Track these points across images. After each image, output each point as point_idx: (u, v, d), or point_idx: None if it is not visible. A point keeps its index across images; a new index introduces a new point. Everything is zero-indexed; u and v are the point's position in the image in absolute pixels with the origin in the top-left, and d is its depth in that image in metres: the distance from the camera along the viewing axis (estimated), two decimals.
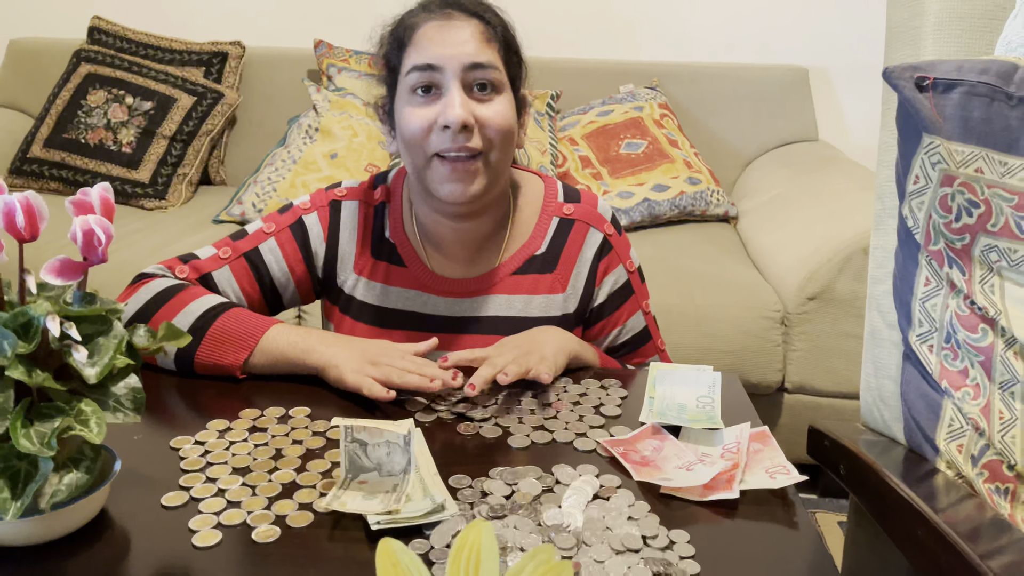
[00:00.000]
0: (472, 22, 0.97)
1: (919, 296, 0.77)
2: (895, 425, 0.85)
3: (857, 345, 1.72)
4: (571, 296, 1.10)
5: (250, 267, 1.06)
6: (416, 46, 0.97)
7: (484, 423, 0.89)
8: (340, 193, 1.10)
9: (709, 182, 2.25)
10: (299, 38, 2.59)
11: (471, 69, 0.95)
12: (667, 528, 0.71)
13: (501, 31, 0.99)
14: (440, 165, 0.97)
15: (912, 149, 0.75)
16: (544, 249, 1.09)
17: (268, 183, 2.20)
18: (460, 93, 0.94)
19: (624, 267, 1.12)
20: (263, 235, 1.08)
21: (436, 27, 0.96)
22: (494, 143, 0.97)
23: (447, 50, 0.95)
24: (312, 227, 1.08)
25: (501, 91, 0.98)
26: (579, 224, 1.10)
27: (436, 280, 1.08)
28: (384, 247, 1.09)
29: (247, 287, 1.06)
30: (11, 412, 0.57)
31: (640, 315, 1.14)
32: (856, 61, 2.57)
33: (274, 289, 1.08)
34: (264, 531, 0.69)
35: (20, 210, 0.61)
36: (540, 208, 1.10)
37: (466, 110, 0.94)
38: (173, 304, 0.96)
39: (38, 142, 2.38)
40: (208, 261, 1.05)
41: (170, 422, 0.87)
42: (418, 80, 0.96)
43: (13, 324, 0.60)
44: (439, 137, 0.95)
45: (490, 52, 0.97)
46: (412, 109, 0.97)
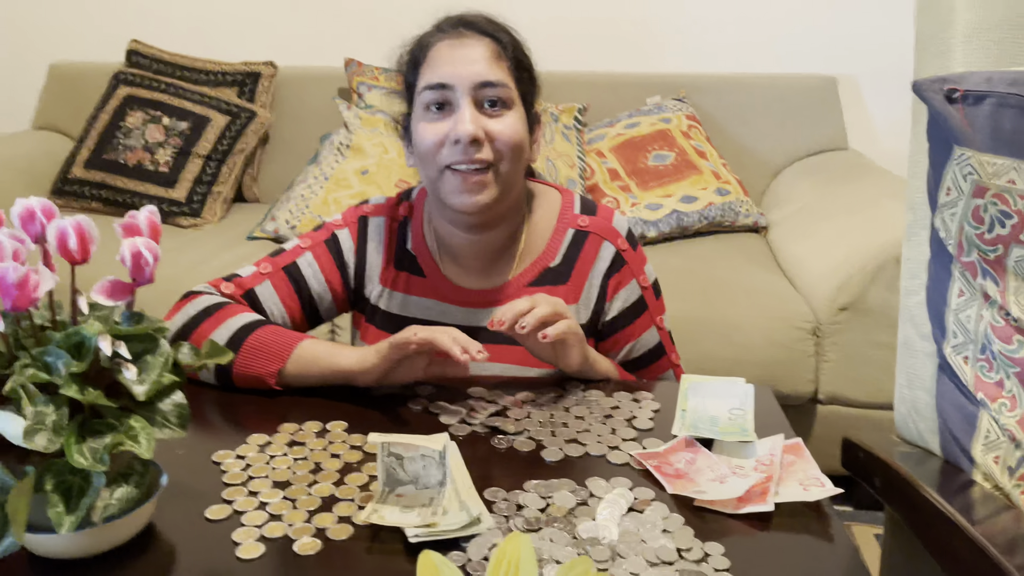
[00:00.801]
0: (483, 41, 1.01)
1: (953, 307, 0.77)
2: (930, 437, 0.84)
3: (890, 355, 1.69)
4: (583, 308, 1.11)
5: (289, 280, 1.11)
6: (430, 65, 1.02)
7: (517, 436, 0.90)
8: (368, 209, 1.16)
9: (738, 192, 2.25)
10: (330, 57, 2.63)
11: (481, 87, 0.99)
12: (701, 541, 0.72)
13: (512, 49, 1.03)
14: (452, 177, 1.00)
15: (943, 161, 0.75)
16: (558, 261, 1.11)
17: (301, 200, 2.24)
18: (471, 109, 0.99)
19: (637, 282, 1.12)
20: (300, 250, 1.13)
21: (448, 46, 1.01)
22: (504, 155, 1.01)
23: (458, 69, 0.99)
24: (344, 241, 1.14)
25: (511, 107, 1.02)
26: (593, 237, 1.11)
27: (453, 290, 1.11)
28: (405, 258, 1.13)
29: (287, 300, 1.10)
30: (65, 429, 0.59)
31: (654, 330, 1.14)
32: (886, 68, 2.55)
33: (312, 301, 1.12)
34: (306, 544, 0.71)
35: (72, 234, 0.64)
36: (556, 220, 1.12)
37: (476, 125, 0.98)
38: (214, 320, 1.01)
39: (79, 163, 2.45)
40: (250, 278, 1.10)
41: (211, 437, 0.90)
42: (431, 98, 1.00)
43: (67, 344, 0.63)
44: (451, 150, 0.99)
45: (500, 70, 1.01)
46: (426, 124, 1.01)
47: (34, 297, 0.62)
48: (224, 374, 0.99)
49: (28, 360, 0.62)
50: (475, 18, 1.04)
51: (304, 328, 1.13)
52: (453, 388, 1.01)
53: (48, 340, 0.64)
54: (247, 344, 0.98)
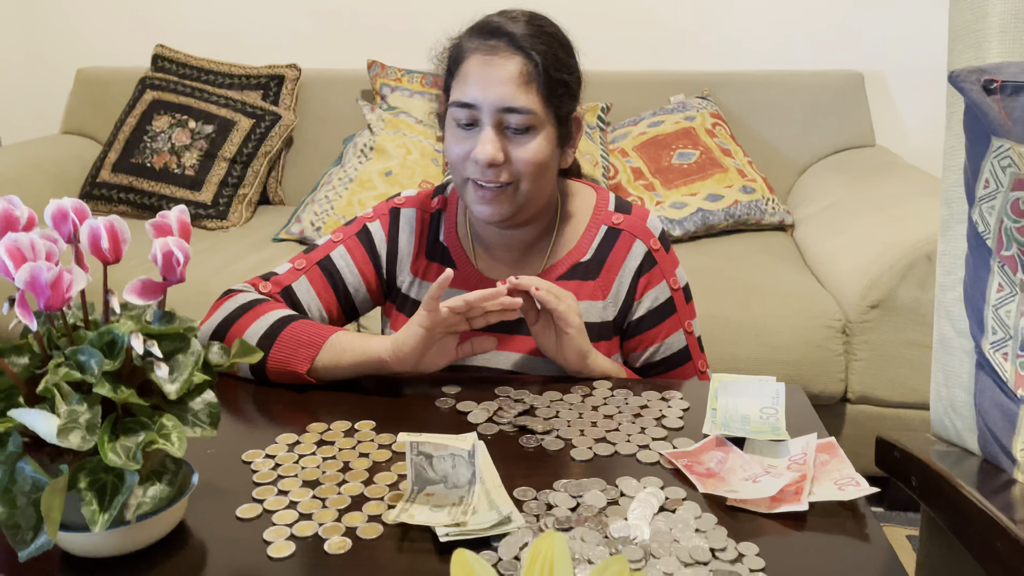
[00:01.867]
0: (514, 60, 0.99)
1: (992, 303, 0.75)
2: (968, 435, 0.83)
3: (922, 354, 1.69)
4: (611, 304, 1.11)
5: (324, 275, 1.13)
6: (460, 79, 1.02)
7: (546, 436, 0.89)
8: (399, 201, 1.18)
9: (763, 190, 2.23)
10: (353, 59, 2.64)
11: (505, 112, 0.99)
12: (735, 541, 0.71)
13: (544, 68, 1.00)
14: (473, 189, 1.04)
15: (981, 153, 0.74)
16: (589, 256, 1.12)
17: (325, 201, 2.25)
18: (492, 132, 1.00)
19: (668, 284, 1.12)
20: (332, 244, 1.15)
21: (480, 63, 1.00)
22: (523, 176, 1.02)
23: (485, 91, 0.99)
24: (376, 233, 1.16)
25: (537, 131, 1.02)
26: (625, 235, 1.12)
27: (483, 281, 1.12)
28: (437, 249, 1.16)
29: (324, 294, 1.12)
30: (99, 427, 0.60)
31: (681, 334, 1.13)
32: (913, 64, 2.52)
33: (347, 294, 1.14)
34: (336, 543, 0.70)
35: (105, 234, 0.64)
36: (589, 217, 1.13)
37: (495, 148, 0.99)
38: (250, 316, 1.02)
39: (107, 167, 2.47)
40: (286, 275, 1.12)
41: (240, 436, 0.90)
42: (460, 115, 1.02)
43: (99, 343, 0.63)
44: (473, 167, 1.02)
45: (527, 96, 0.99)
46: (453, 140, 1.04)
47: (67, 297, 0.62)
48: (258, 369, 1.01)
49: (61, 359, 0.62)
50: (512, 27, 1.01)
51: (341, 322, 1.16)
52: (480, 387, 1.00)
53: (81, 339, 0.64)
54: (281, 337, 0.99)
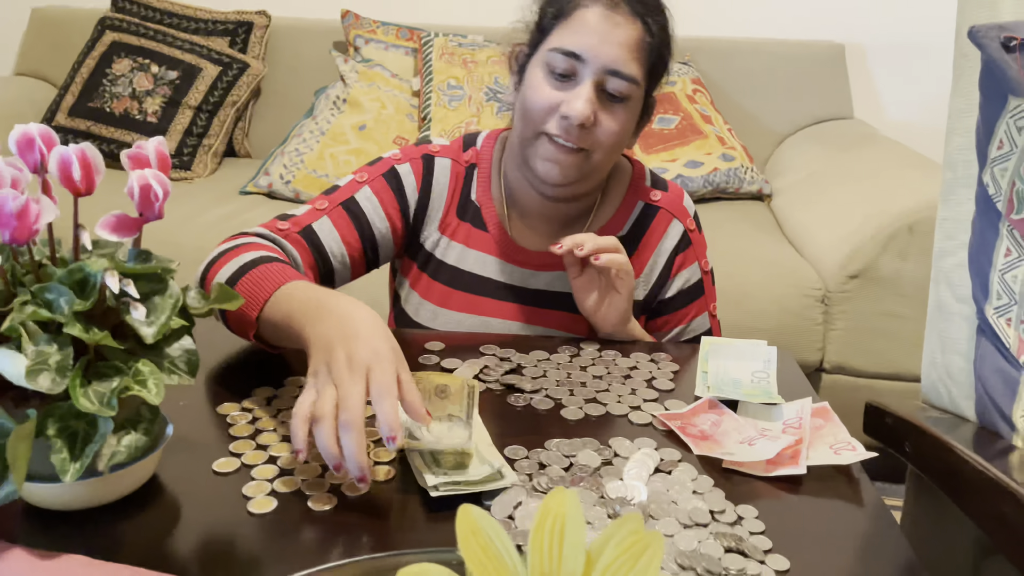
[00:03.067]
0: (635, 25, 0.94)
1: (999, 267, 0.74)
2: (964, 403, 0.82)
3: (900, 325, 1.70)
4: (642, 283, 1.09)
5: (349, 216, 1.03)
6: (570, 26, 0.95)
7: (534, 395, 0.86)
8: (434, 149, 1.09)
9: (743, 159, 2.21)
10: (326, 8, 2.55)
11: (611, 74, 0.93)
12: (733, 503, 0.69)
13: (658, 42, 0.96)
14: (547, 143, 0.96)
15: (996, 113, 0.72)
16: (626, 232, 1.08)
17: (296, 154, 2.18)
18: (591, 90, 0.93)
19: (699, 265, 1.11)
20: (357, 184, 1.05)
21: (597, 15, 0.94)
22: (601, 146, 0.97)
23: (599, 46, 0.93)
24: (406, 176, 1.06)
25: (631, 103, 0.97)
26: (663, 213, 1.09)
27: (515, 249, 1.07)
28: (469, 209, 1.08)
29: (348, 236, 1.02)
30: (71, 370, 0.55)
31: (706, 317, 1.12)
32: (893, 38, 2.51)
33: (373, 239, 1.04)
34: (320, 499, 0.67)
35: (76, 162, 0.59)
36: (626, 191, 1.09)
37: (590, 108, 0.93)
38: (227, 257, 0.90)
39: (63, 111, 2.36)
40: (306, 215, 1.01)
41: (214, 388, 0.85)
42: (559, 63, 0.94)
43: (69, 280, 0.58)
44: (557, 122, 0.95)
45: (636, 65, 0.94)
46: (543, 86, 0.96)
47: (35, 229, 0.57)
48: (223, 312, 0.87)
49: (28, 297, 0.58)
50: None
51: (361, 271, 1.06)
52: (465, 344, 0.97)
53: (49, 276, 0.59)
54: (244, 279, 0.84)
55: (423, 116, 2.23)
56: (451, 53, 2.31)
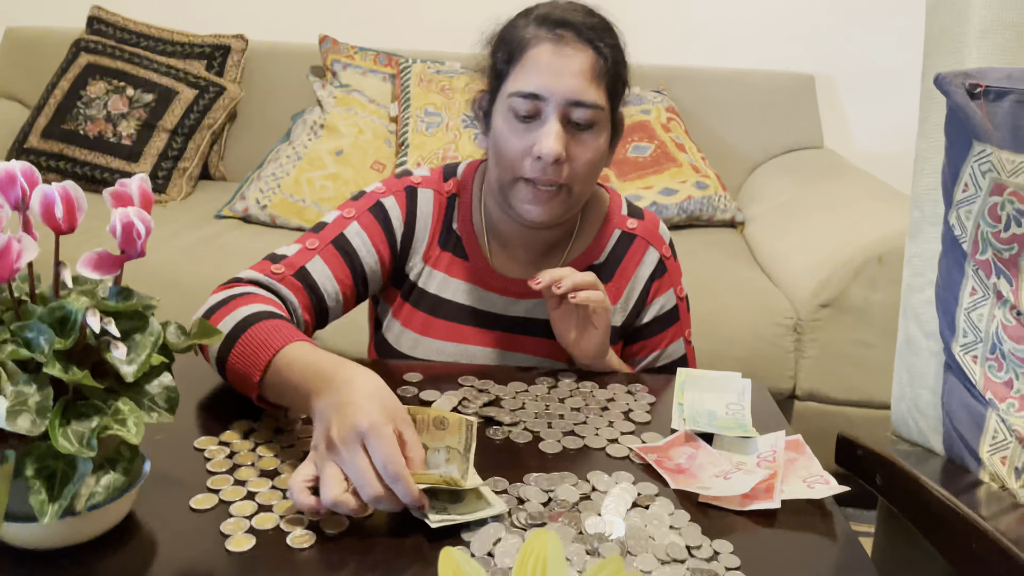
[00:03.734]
0: (584, 52, 0.95)
1: (964, 306, 0.76)
2: (933, 436, 0.84)
3: (870, 354, 1.73)
4: (620, 310, 1.10)
5: (341, 255, 1.03)
6: (524, 68, 0.96)
7: (513, 427, 0.87)
8: (415, 180, 1.09)
9: (716, 187, 2.25)
10: (303, 33, 2.56)
11: (573, 106, 0.94)
12: (709, 538, 0.70)
13: (611, 63, 0.97)
14: (525, 187, 0.98)
15: (961, 156, 0.74)
16: (603, 260, 1.10)
17: (272, 179, 2.18)
18: (558, 126, 0.94)
19: (675, 292, 1.13)
20: (345, 220, 1.05)
21: (547, 52, 0.95)
22: (579, 178, 0.98)
23: (554, 82, 0.94)
24: (392, 209, 1.07)
25: (600, 128, 0.97)
26: (639, 240, 1.10)
27: (495, 277, 1.08)
28: (451, 238, 1.09)
29: (341, 275, 1.02)
30: (50, 410, 0.55)
31: (681, 343, 1.14)
32: (862, 69, 2.57)
33: (364, 275, 1.04)
34: (299, 536, 0.67)
35: (60, 201, 0.59)
36: (603, 219, 1.11)
37: (560, 144, 0.94)
38: (226, 309, 0.88)
39: (35, 132, 2.34)
40: (298, 255, 1.01)
41: (191, 422, 0.85)
42: (521, 106, 0.95)
43: (50, 319, 0.58)
44: (532, 165, 0.96)
45: (595, 90, 0.95)
46: (511, 133, 0.97)
47: (15, 267, 0.57)
48: (222, 367, 0.86)
49: (7, 335, 0.57)
50: (578, 19, 0.96)
51: (353, 305, 1.06)
52: (443, 376, 0.98)
53: (30, 314, 0.59)
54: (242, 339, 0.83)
55: (401, 142, 2.24)
56: (429, 80, 2.33)
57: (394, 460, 0.66)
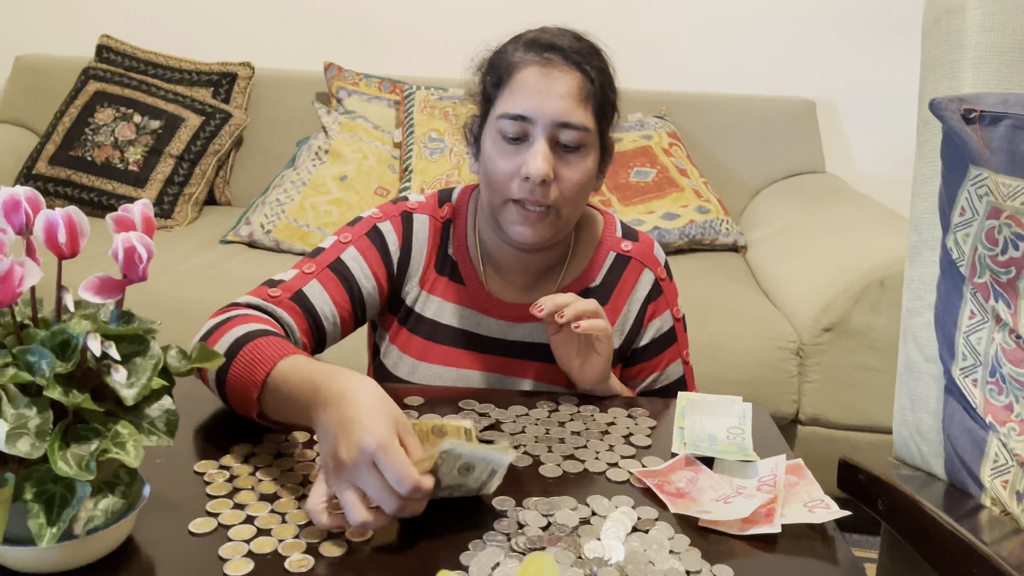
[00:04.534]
0: (572, 75, 0.96)
1: (963, 329, 0.76)
2: (934, 460, 0.83)
3: (873, 378, 1.72)
4: (617, 333, 1.11)
5: (338, 278, 1.03)
6: (512, 90, 0.97)
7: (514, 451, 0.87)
8: (411, 206, 1.10)
9: (718, 211, 2.26)
10: (309, 60, 2.59)
11: (560, 127, 0.96)
12: (709, 563, 0.70)
13: (599, 86, 0.98)
14: (514, 209, 0.98)
15: (958, 181, 0.75)
16: (598, 283, 1.10)
17: (277, 204, 2.19)
18: (545, 147, 0.95)
19: (671, 313, 1.13)
20: (341, 245, 1.05)
21: (535, 75, 0.96)
22: (567, 199, 0.98)
23: (542, 104, 0.95)
24: (388, 234, 1.07)
25: (588, 150, 0.99)
26: (635, 262, 1.11)
27: (492, 302, 1.09)
28: (447, 263, 1.10)
29: (338, 299, 1.02)
30: (50, 434, 0.55)
31: (679, 364, 1.14)
32: (863, 94, 2.59)
33: (361, 299, 1.05)
34: (297, 560, 0.67)
35: (62, 226, 0.60)
36: (598, 242, 1.11)
37: (548, 165, 0.94)
38: (221, 330, 0.89)
39: (44, 159, 2.37)
40: (295, 280, 1.01)
41: (191, 446, 0.85)
42: (509, 128, 0.97)
43: (51, 343, 0.59)
44: (520, 186, 0.96)
45: (582, 112, 0.96)
46: (499, 154, 0.98)
47: (18, 291, 0.58)
48: (222, 388, 0.87)
49: (9, 359, 0.58)
50: (566, 43, 0.98)
51: (351, 329, 1.07)
52: (444, 399, 0.98)
53: (31, 338, 0.59)
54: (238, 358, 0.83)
55: (404, 167, 2.26)
56: (432, 106, 2.35)
57: (406, 475, 0.66)
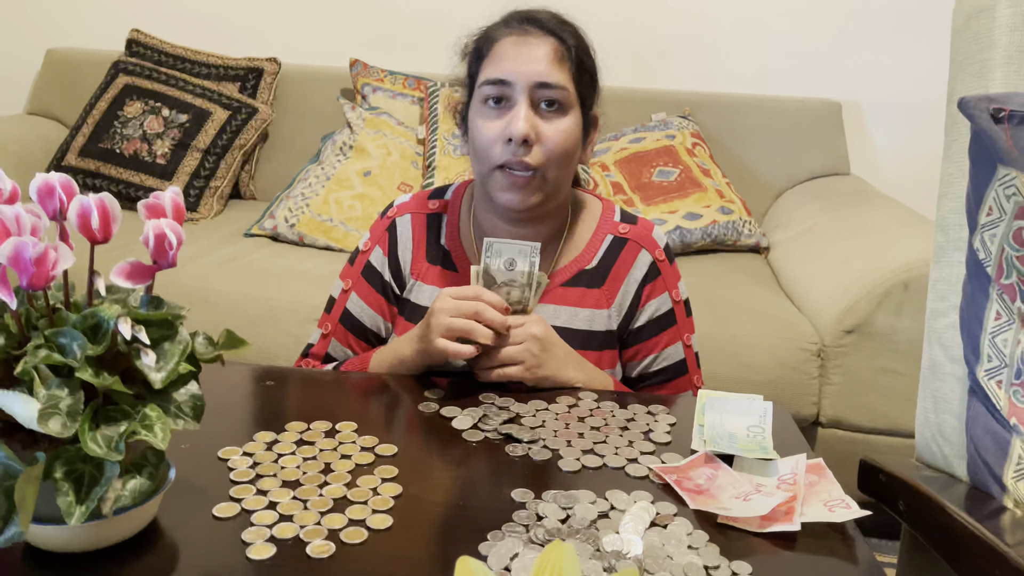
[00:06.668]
0: (548, 40, 1.02)
1: (989, 330, 0.76)
2: (956, 462, 0.83)
3: (895, 381, 1.71)
4: (615, 313, 1.11)
5: (348, 328, 1.15)
6: (492, 60, 1.03)
7: (532, 445, 0.87)
8: (392, 212, 1.17)
9: (741, 212, 2.25)
10: (334, 57, 2.61)
11: (540, 87, 1.00)
12: (727, 559, 0.70)
13: (576, 51, 1.03)
14: (501, 176, 1.03)
15: (986, 181, 0.74)
16: (595, 264, 1.11)
17: (301, 198, 2.21)
18: (526, 108, 1.00)
19: (670, 295, 1.13)
20: (344, 295, 1.16)
21: (512, 43, 1.02)
22: (552, 160, 1.02)
23: (519, 66, 1.00)
24: (377, 261, 1.15)
25: (568, 110, 1.03)
26: (631, 244, 1.12)
27: None
28: (439, 253, 1.14)
29: (354, 345, 1.15)
30: (81, 414, 0.56)
31: (679, 346, 1.13)
32: (889, 96, 2.56)
33: (375, 332, 1.16)
34: (318, 546, 0.68)
35: (95, 211, 0.61)
36: (596, 226, 1.13)
37: (529, 124, 0.99)
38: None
39: (73, 151, 2.40)
40: (320, 344, 1.16)
41: (216, 432, 0.86)
42: (490, 92, 1.02)
43: (83, 326, 0.60)
44: (503, 149, 1.01)
45: (560, 72, 1.01)
46: (483, 121, 1.03)
47: (51, 275, 0.59)
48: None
49: (42, 341, 0.59)
50: (542, 15, 1.04)
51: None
52: (464, 393, 0.98)
53: (63, 321, 0.61)
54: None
55: (428, 164, 2.27)
56: (456, 103, 2.35)
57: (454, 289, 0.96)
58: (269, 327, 1.82)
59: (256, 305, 1.85)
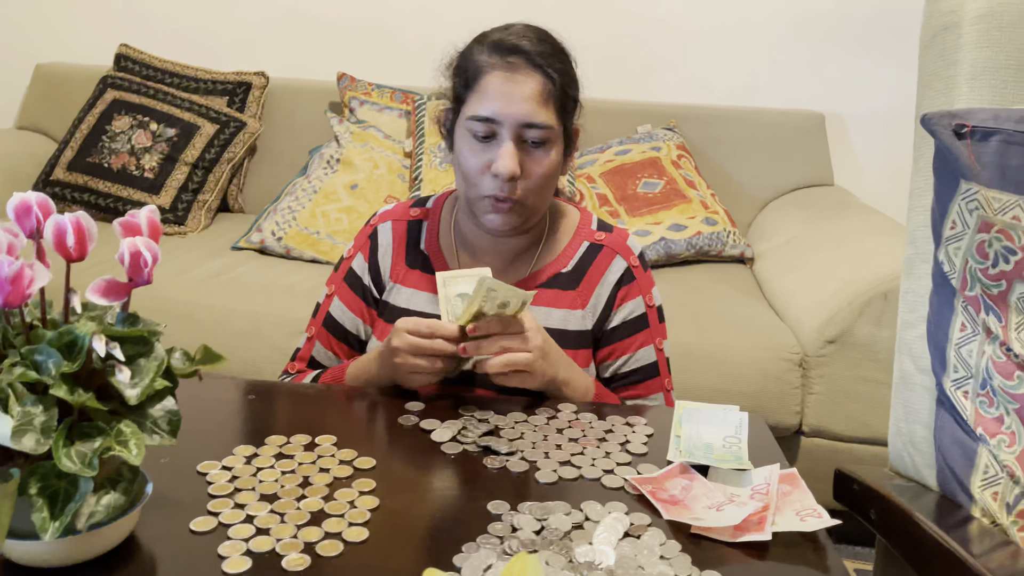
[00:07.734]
0: (534, 77, 1.04)
1: (954, 341, 0.77)
2: (927, 471, 0.84)
3: (876, 390, 1.72)
4: (589, 315, 1.14)
5: (330, 332, 1.18)
6: (479, 94, 1.05)
7: (510, 457, 0.88)
8: (374, 221, 1.21)
9: (725, 223, 2.26)
10: (322, 71, 2.62)
11: (526, 127, 1.04)
12: (699, 568, 0.71)
13: (561, 86, 1.06)
14: (487, 203, 1.07)
15: (949, 195, 0.76)
16: (570, 268, 1.15)
17: (288, 212, 2.22)
18: (512, 146, 1.04)
19: (643, 300, 1.16)
20: (328, 300, 1.20)
21: (500, 79, 1.04)
22: (534, 190, 1.07)
23: (506, 107, 1.03)
24: (358, 267, 1.19)
25: (552, 145, 1.06)
26: (607, 250, 1.16)
27: None
28: (418, 257, 1.18)
29: (335, 348, 1.19)
30: (55, 431, 0.57)
31: (651, 349, 1.16)
32: (872, 108, 2.59)
33: (357, 334, 1.19)
34: (294, 559, 0.68)
35: (71, 230, 0.62)
36: (573, 232, 1.18)
37: (515, 163, 1.03)
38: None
39: (61, 165, 2.41)
40: (305, 348, 1.20)
41: (195, 446, 0.87)
42: (478, 128, 1.05)
43: (58, 343, 0.61)
44: (491, 183, 1.05)
45: (546, 112, 1.04)
46: (470, 152, 1.06)
47: (27, 293, 0.60)
48: None
49: (17, 358, 0.60)
50: (528, 46, 1.05)
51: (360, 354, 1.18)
52: (444, 406, 0.99)
53: (39, 338, 0.61)
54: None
55: (414, 177, 2.28)
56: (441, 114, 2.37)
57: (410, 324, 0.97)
58: (255, 341, 1.82)
59: (243, 318, 1.86)
